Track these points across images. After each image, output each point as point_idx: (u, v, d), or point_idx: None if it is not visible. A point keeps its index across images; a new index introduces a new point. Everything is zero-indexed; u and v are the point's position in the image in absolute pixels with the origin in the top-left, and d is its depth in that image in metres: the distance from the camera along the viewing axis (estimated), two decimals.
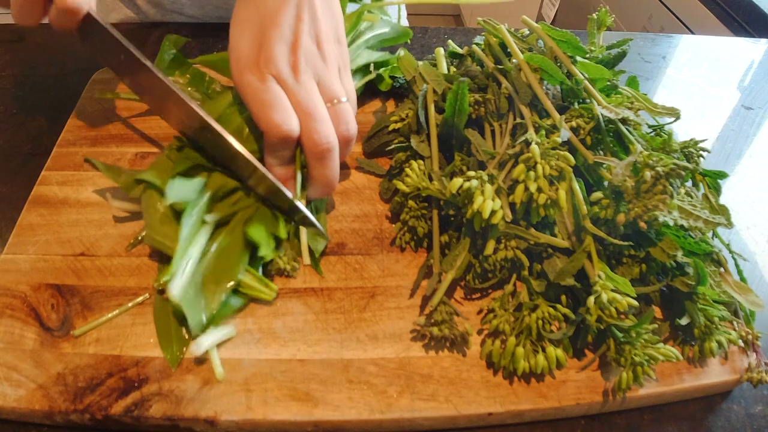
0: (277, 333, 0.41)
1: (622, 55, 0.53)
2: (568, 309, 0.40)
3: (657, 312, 0.43)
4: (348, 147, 0.47)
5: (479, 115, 0.50)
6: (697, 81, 0.74)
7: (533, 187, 0.39)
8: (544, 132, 0.43)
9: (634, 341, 0.38)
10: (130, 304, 0.41)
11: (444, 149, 0.49)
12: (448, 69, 0.56)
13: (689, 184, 0.48)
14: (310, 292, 0.43)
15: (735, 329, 0.42)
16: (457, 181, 0.40)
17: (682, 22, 1.42)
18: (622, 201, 0.39)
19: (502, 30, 0.52)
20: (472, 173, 0.40)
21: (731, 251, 0.45)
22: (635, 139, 0.45)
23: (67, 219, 0.47)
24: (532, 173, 0.39)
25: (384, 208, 0.50)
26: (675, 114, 0.50)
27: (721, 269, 0.44)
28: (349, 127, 0.46)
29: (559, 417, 0.39)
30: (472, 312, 0.43)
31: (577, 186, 0.42)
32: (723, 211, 0.45)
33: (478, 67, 0.56)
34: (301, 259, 0.45)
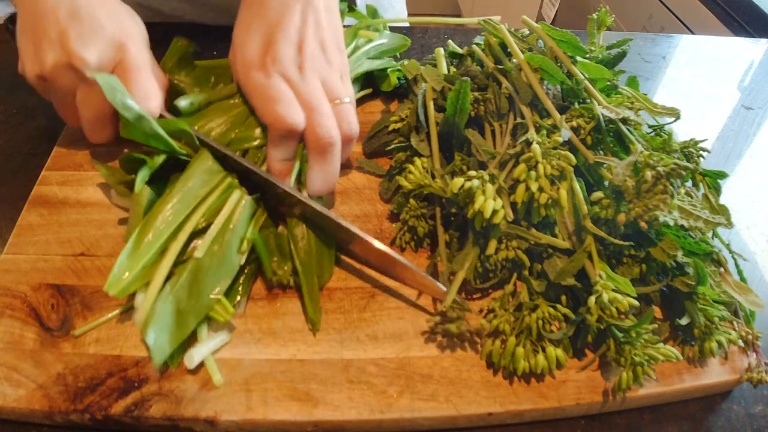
0: (277, 333, 0.41)
1: (622, 55, 0.53)
2: (569, 309, 0.40)
3: (657, 312, 0.43)
4: (349, 146, 0.48)
5: (479, 115, 0.50)
6: (697, 81, 0.74)
7: (534, 186, 0.39)
8: (544, 132, 0.43)
9: (634, 341, 0.38)
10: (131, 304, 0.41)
11: (444, 149, 0.49)
12: (448, 69, 0.57)
13: (689, 184, 0.48)
14: None
15: (735, 329, 0.42)
16: (458, 180, 0.40)
17: (682, 22, 1.42)
18: (622, 201, 0.39)
19: (503, 30, 0.52)
20: (473, 173, 0.40)
21: (731, 251, 0.45)
22: (635, 139, 0.45)
23: (67, 219, 0.47)
24: (533, 173, 0.39)
25: (384, 208, 0.50)
26: (675, 114, 0.50)
27: (721, 269, 0.44)
28: (351, 126, 0.47)
29: (559, 417, 0.39)
30: (473, 312, 0.43)
31: (577, 186, 0.42)
32: (723, 211, 0.45)
33: (478, 67, 0.56)
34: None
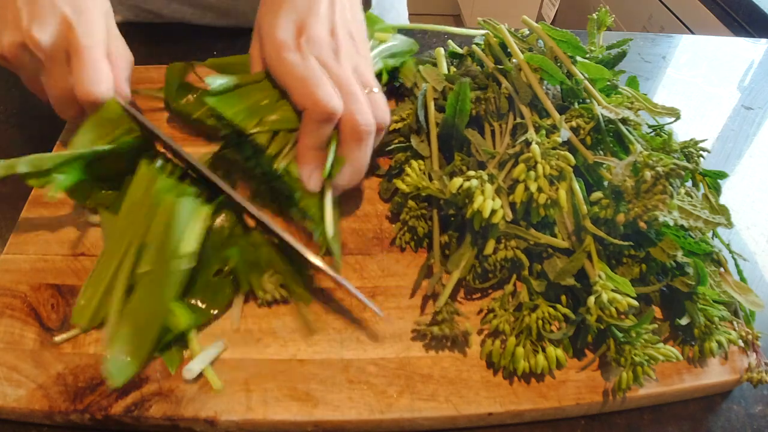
0: (277, 333, 0.41)
1: (622, 55, 0.53)
2: (568, 309, 0.40)
3: (657, 312, 0.43)
4: (380, 135, 0.47)
5: (479, 115, 0.50)
6: (697, 81, 0.74)
7: (533, 186, 0.39)
8: (544, 132, 0.43)
9: (634, 341, 0.38)
10: None
11: (444, 149, 0.49)
12: (448, 69, 0.57)
13: (689, 184, 0.48)
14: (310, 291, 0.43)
15: (735, 329, 0.42)
16: (457, 180, 0.40)
17: (682, 22, 1.42)
18: (622, 201, 0.39)
19: (502, 30, 0.52)
20: (472, 173, 0.40)
21: (731, 251, 0.45)
22: (635, 139, 0.45)
23: (67, 219, 0.47)
24: (532, 173, 0.39)
25: (384, 208, 0.50)
26: (675, 114, 0.50)
27: (721, 269, 0.44)
28: (385, 115, 0.46)
29: (559, 417, 0.39)
30: (473, 312, 0.43)
31: (577, 186, 0.42)
32: (723, 211, 0.45)
33: (478, 67, 0.56)
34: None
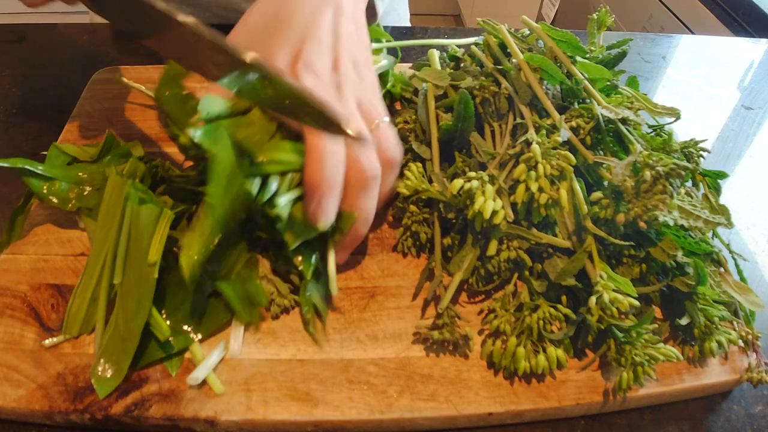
0: (277, 333, 0.41)
1: (622, 55, 0.53)
2: (569, 309, 0.40)
3: (657, 312, 0.43)
4: (391, 173, 0.42)
5: (479, 115, 0.50)
6: (697, 81, 0.74)
7: (534, 186, 0.39)
8: (544, 132, 0.43)
9: (635, 341, 0.38)
10: None
11: (443, 150, 0.49)
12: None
13: (689, 184, 0.48)
14: None
15: (735, 329, 0.42)
16: (458, 181, 0.40)
17: (682, 22, 1.42)
18: (621, 201, 0.39)
19: (502, 30, 0.52)
20: (472, 174, 0.40)
21: (731, 251, 0.45)
22: (635, 139, 0.45)
23: (67, 219, 0.47)
24: (533, 173, 0.39)
25: (384, 212, 0.50)
26: (675, 114, 0.50)
27: (721, 269, 0.44)
28: (395, 151, 0.41)
29: (559, 417, 0.39)
30: (473, 313, 0.43)
31: (577, 186, 0.42)
32: (723, 211, 0.45)
33: (477, 68, 0.56)
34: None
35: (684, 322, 0.40)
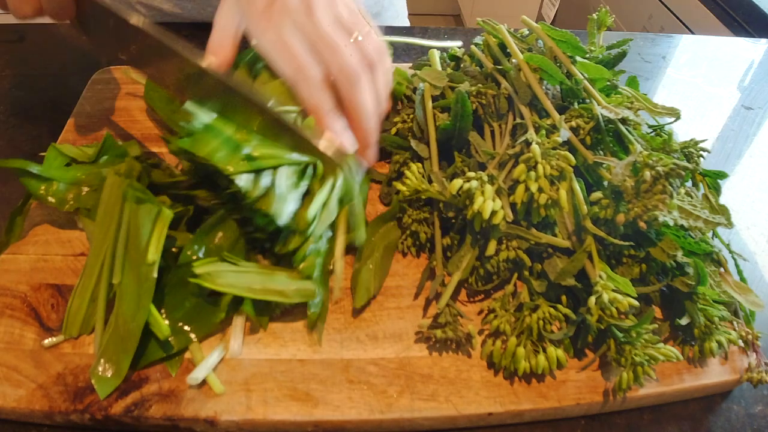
0: (277, 333, 0.41)
1: (622, 55, 0.53)
2: (569, 309, 0.40)
3: (657, 312, 0.43)
4: (380, 72, 0.44)
5: (478, 115, 0.50)
6: (697, 81, 0.74)
7: (534, 187, 0.39)
8: (544, 132, 0.43)
9: (635, 341, 0.38)
10: None
11: (443, 150, 0.49)
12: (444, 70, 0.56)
13: (689, 184, 0.48)
14: None
15: (735, 329, 0.42)
16: (458, 181, 0.40)
17: (682, 22, 1.42)
18: (621, 201, 0.39)
19: (502, 30, 0.52)
20: (472, 174, 0.40)
21: (731, 251, 0.45)
22: (635, 139, 0.45)
23: (67, 219, 0.47)
24: (532, 173, 0.39)
25: (384, 210, 0.50)
26: (675, 114, 0.50)
27: (721, 269, 0.44)
28: (377, 52, 0.43)
29: (559, 417, 0.39)
30: (473, 312, 0.43)
31: (577, 186, 0.42)
32: (723, 211, 0.45)
33: (477, 68, 0.56)
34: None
35: (684, 322, 0.40)
